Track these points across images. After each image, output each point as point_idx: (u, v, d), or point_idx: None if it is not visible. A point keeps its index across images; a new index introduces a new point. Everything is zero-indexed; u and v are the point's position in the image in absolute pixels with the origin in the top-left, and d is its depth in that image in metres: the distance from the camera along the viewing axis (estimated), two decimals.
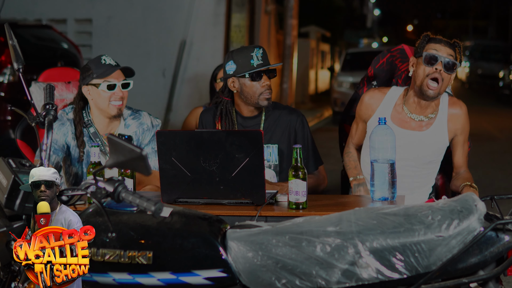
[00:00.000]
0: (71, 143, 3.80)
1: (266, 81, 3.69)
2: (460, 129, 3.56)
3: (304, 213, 3.12)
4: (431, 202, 2.66)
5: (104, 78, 3.75)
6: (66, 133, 3.80)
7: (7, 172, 2.63)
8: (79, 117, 3.81)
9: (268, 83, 3.70)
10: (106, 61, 3.78)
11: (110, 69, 3.76)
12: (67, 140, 3.80)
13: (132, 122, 3.87)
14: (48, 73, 4.45)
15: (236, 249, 2.58)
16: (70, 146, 3.81)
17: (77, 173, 3.83)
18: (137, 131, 3.85)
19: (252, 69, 3.67)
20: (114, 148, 2.25)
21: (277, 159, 3.78)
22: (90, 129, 3.81)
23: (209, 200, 3.24)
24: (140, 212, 2.60)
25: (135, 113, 3.90)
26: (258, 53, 3.71)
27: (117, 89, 3.77)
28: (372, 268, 2.50)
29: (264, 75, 3.71)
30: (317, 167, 3.81)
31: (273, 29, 15.48)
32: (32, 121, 2.87)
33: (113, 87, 3.76)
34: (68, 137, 3.80)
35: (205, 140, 3.17)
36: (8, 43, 2.97)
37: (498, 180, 8.76)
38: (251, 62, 3.70)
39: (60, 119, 3.82)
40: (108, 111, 3.77)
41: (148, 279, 2.58)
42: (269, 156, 3.77)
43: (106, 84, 3.74)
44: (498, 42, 33.05)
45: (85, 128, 3.81)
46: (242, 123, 3.81)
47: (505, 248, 2.54)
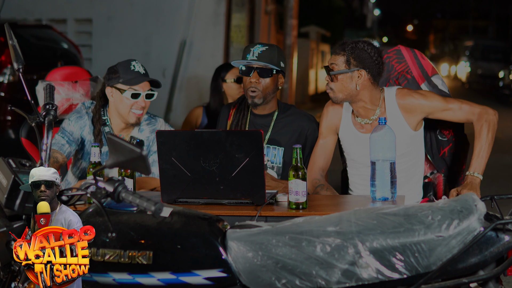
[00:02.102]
0: (86, 138, 3.80)
1: (252, 78, 3.72)
2: (425, 110, 3.55)
3: (304, 213, 3.12)
4: (431, 202, 2.66)
5: (130, 86, 3.73)
6: (83, 126, 3.79)
7: (7, 172, 2.63)
8: (98, 115, 3.80)
9: (253, 80, 3.71)
10: (135, 67, 3.75)
11: (138, 78, 3.73)
12: (82, 134, 3.80)
13: (146, 127, 3.87)
14: (55, 72, 4.46)
15: (236, 249, 2.58)
16: (85, 140, 3.80)
17: (85, 168, 3.83)
18: (150, 136, 3.85)
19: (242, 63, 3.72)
20: (114, 148, 2.25)
21: (281, 162, 3.79)
22: (106, 128, 3.81)
23: (209, 200, 3.24)
24: (140, 212, 2.60)
25: (151, 118, 3.90)
26: (257, 49, 3.73)
27: (140, 98, 3.74)
28: (372, 268, 2.50)
29: (255, 71, 3.72)
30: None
31: (273, 29, 15.48)
32: (32, 121, 2.87)
33: (137, 96, 3.74)
34: (85, 131, 3.80)
35: (205, 140, 3.17)
36: (8, 43, 2.97)
37: (498, 180, 8.76)
38: (247, 56, 3.74)
39: (78, 112, 3.81)
40: (127, 118, 3.76)
41: (148, 279, 2.58)
42: (274, 158, 3.78)
43: (131, 93, 3.73)
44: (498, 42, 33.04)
45: (101, 126, 3.81)
46: (253, 119, 3.87)
47: (505, 248, 2.54)
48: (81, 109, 3.83)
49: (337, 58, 3.56)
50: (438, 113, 3.57)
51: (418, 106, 3.56)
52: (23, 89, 2.94)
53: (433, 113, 3.57)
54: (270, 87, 3.75)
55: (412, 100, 3.56)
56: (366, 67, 3.53)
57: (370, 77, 3.54)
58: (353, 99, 3.58)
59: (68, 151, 3.74)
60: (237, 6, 12.29)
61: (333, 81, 3.56)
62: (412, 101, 3.56)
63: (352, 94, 3.55)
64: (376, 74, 3.57)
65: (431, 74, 3.84)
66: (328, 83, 3.58)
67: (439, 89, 3.79)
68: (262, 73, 3.73)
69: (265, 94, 3.75)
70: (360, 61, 3.52)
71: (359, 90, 3.54)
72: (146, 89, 3.76)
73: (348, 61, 3.52)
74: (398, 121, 3.56)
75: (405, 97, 3.57)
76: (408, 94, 3.58)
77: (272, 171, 3.79)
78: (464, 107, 3.55)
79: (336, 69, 3.55)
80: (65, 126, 3.77)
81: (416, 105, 3.55)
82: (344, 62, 3.53)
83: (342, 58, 3.55)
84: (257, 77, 3.72)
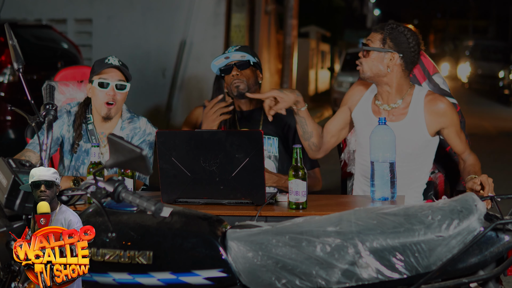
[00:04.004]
0: (65, 135, 3.82)
1: (233, 72, 3.86)
2: (447, 122, 3.50)
3: (304, 213, 3.12)
4: (431, 202, 2.66)
5: (100, 74, 3.74)
6: (61, 125, 3.82)
7: (7, 172, 2.63)
8: (81, 111, 3.82)
9: (234, 73, 3.85)
10: (109, 60, 3.76)
11: (104, 65, 3.74)
12: (61, 133, 3.82)
13: (127, 125, 3.86)
14: (64, 72, 4.47)
15: (236, 249, 2.58)
16: (64, 137, 3.82)
17: (69, 165, 3.84)
18: (130, 134, 3.84)
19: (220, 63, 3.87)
20: (114, 148, 2.25)
21: (277, 150, 3.84)
22: (89, 126, 3.82)
23: (209, 200, 3.24)
24: (140, 212, 2.60)
25: (134, 117, 3.89)
26: (231, 49, 3.91)
27: (109, 88, 3.72)
28: (372, 268, 2.50)
29: (234, 67, 3.86)
30: (313, 168, 3.85)
31: (273, 29, 15.49)
32: (32, 121, 2.87)
33: (105, 86, 3.72)
34: (63, 130, 3.82)
35: (205, 140, 3.17)
36: (8, 43, 2.97)
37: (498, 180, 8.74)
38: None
39: (59, 110, 3.82)
40: (100, 109, 3.76)
41: (148, 279, 2.58)
42: (270, 147, 3.82)
43: (98, 81, 3.73)
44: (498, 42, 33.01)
45: (84, 124, 3.82)
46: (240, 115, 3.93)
47: (505, 248, 2.54)
48: (62, 108, 3.85)
49: (374, 35, 3.51)
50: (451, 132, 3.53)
51: (443, 115, 3.49)
52: (23, 89, 2.94)
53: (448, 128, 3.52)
54: (251, 77, 3.88)
55: (442, 106, 3.49)
56: (400, 52, 3.46)
57: (402, 63, 3.48)
58: (379, 81, 3.51)
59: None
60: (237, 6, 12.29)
61: (364, 57, 3.52)
62: (441, 107, 3.49)
63: (380, 74, 3.48)
64: (409, 62, 3.49)
65: (433, 73, 3.83)
66: (360, 58, 3.54)
67: (440, 88, 3.78)
68: (240, 66, 3.86)
69: (249, 84, 3.86)
70: (396, 43, 3.46)
71: (387, 73, 3.47)
72: (116, 79, 3.74)
73: (384, 40, 3.47)
74: (419, 121, 3.50)
75: (436, 101, 3.51)
76: (438, 100, 3.52)
77: (269, 160, 3.82)
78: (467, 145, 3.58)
79: (370, 45, 3.50)
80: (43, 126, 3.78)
81: (442, 113, 3.49)
82: (380, 41, 3.48)
83: (379, 36, 3.49)
84: (237, 70, 3.85)
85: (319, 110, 17.60)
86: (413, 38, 3.49)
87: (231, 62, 3.87)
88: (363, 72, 3.51)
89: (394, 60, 3.47)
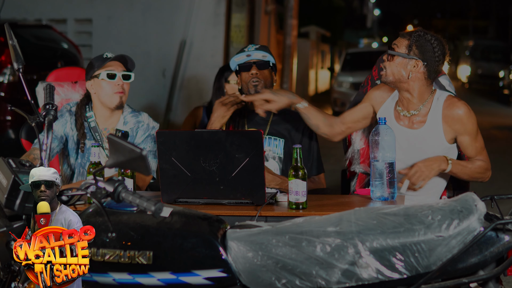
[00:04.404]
0: (69, 133, 3.86)
1: (253, 70, 3.83)
2: (461, 130, 3.46)
3: (304, 213, 3.12)
4: (431, 202, 2.66)
5: (104, 67, 3.81)
6: (64, 124, 3.86)
7: (7, 172, 2.63)
8: (81, 111, 3.87)
9: (254, 72, 3.83)
10: (108, 55, 3.86)
11: (108, 59, 3.84)
12: (65, 131, 3.86)
13: (131, 119, 3.92)
14: (57, 73, 4.47)
15: (236, 249, 2.58)
16: (68, 136, 3.86)
17: (74, 163, 3.87)
18: (134, 127, 3.90)
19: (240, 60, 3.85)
20: (114, 148, 2.25)
21: (282, 152, 3.83)
22: (91, 123, 3.85)
23: (209, 200, 3.24)
24: (140, 212, 2.59)
25: (135, 112, 3.95)
26: (251, 47, 3.89)
27: (117, 79, 3.82)
28: (372, 268, 2.50)
29: (253, 65, 3.84)
30: (319, 173, 3.85)
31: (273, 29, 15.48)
32: (32, 121, 2.87)
33: (114, 77, 3.81)
34: (67, 128, 3.86)
35: (205, 140, 3.17)
36: (8, 43, 2.97)
37: (498, 180, 8.76)
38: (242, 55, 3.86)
39: (60, 110, 3.88)
40: (111, 100, 3.82)
41: (148, 279, 2.58)
42: (275, 147, 3.82)
43: (106, 73, 3.80)
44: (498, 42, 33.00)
45: (86, 122, 3.86)
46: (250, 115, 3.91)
47: (505, 248, 2.54)
48: (63, 108, 3.91)
49: (401, 40, 3.50)
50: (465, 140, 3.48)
51: (458, 121, 3.45)
52: (23, 89, 2.94)
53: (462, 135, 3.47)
54: (268, 79, 3.88)
55: (457, 113, 3.45)
56: (425, 60, 3.45)
57: (425, 71, 3.46)
58: (401, 87, 3.50)
59: (55, 151, 3.81)
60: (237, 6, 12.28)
61: (389, 61, 3.50)
62: (456, 114, 3.45)
63: (402, 80, 3.47)
64: (432, 71, 3.47)
65: (439, 74, 3.82)
66: (384, 61, 3.53)
67: (446, 90, 3.77)
68: (260, 65, 3.84)
69: (266, 84, 3.85)
70: (421, 51, 3.45)
71: (409, 80, 3.46)
72: (121, 70, 3.85)
73: (410, 47, 3.45)
74: (437, 128, 3.48)
75: (453, 107, 3.47)
76: (456, 106, 3.47)
77: (274, 161, 3.82)
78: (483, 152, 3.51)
79: (396, 50, 3.49)
80: None
81: (457, 119, 3.45)
82: (406, 47, 3.46)
83: (406, 42, 3.47)
84: (257, 69, 3.84)
85: None
86: (439, 48, 3.46)
87: (251, 60, 3.85)
88: (386, 76, 3.50)
89: (418, 68, 3.45)
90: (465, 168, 3.45)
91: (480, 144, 3.50)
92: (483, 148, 3.52)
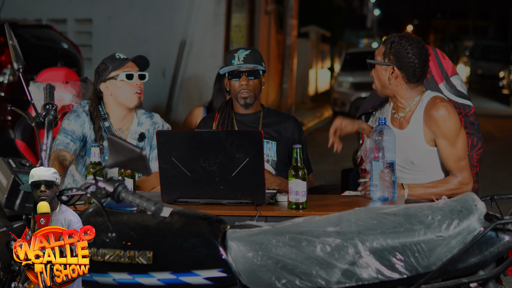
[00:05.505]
0: (87, 134, 3.88)
1: (242, 81, 3.83)
2: (438, 132, 3.43)
3: (304, 213, 3.12)
4: (431, 202, 2.67)
5: (121, 69, 3.86)
6: (82, 124, 3.88)
7: (7, 172, 2.63)
8: (96, 112, 3.90)
9: (243, 82, 3.83)
10: (120, 56, 3.90)
11: (125, 60, 3.89)
12: (83, 131, 3.88)
13: (145, 120, 3.97)
14: (46, 73, 4.47)
15: (236, 249, 2.58)
16: (86, 136, 3.89)
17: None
18: (150, 129, 3.95)
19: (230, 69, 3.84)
20: (114, 148, 2.25)
21: (275, 155, 3.84)
22: (105, 123, 3.89)
23: (209, 200, 3.24)
24: (140, 212, 2.60)
25: (148, 113, 4.01)
26: (241, 54, 3.86)
27: (135, 79, 3.87)
28: (372, 268, 2.50)
29: (243, 75, 3.83)
30: (309, 174, 3.86)
31: (273, 29, 15.47)
32: (32, 121, 2.87)
33: (132, 77, 3.86)
34: (85, 128, 3.88)
35: (205, 140, 3.17)
36: (8, 43, 2.97)
37: (498, 180, 8.76)
38: (232, 62, 3.86)
39: (75, 111, 3.91)
40: (131, 100, 3.86)
41: (148, 279, 2.58)
42: (268, 151, 3.83)
43: (125, 74, 3.85)
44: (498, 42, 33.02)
45: (101, 122, 3.90)
46: (240, 118, 3.92)
47: (505, 248, 2.54)
48: (77, 108, 3.92)
49: (380, 48, 3.54)
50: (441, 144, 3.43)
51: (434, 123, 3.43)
52: (23, 89, 2.94)
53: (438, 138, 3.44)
54: (258, 87, 3.90)
55: (435, 114, 3.42)
56: (399, 66, 3.45)
57: (403, 76, 3.46)
58: (387, 92, 3.54)
59: (74, 148, 3.83)
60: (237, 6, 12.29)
61: (371, 70, 3.56)
62: (434, 114, 3.43)
63: (385, 86, 3.51)
64: (411, 75, 3.45)
65: (451, 74, 3.81)
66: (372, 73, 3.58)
67: (457, 89, 3.77)
68: (250, 75, 3.85)
69: (255, 94, 3.88)
70: (396, 58, 3.46)
71: (391, 85, 3.49)
72: (137, 70, 3.91)
73: (385, 54, 3.49)
74: (418, 129, 3.49)
75: (432, 107, 3.45)
76: (435, 106, 3.45)
77: (268, 164, 3.82)
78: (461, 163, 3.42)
79: (375, 58, 3.53)
80: (65, 126, 3.85)
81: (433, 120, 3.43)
82: (382, 54, 3.50)
83: (382, 49, 3.51)
84: (247, 80, 3.84)
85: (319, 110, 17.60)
86: (413, 52, 3.43)
87: (241, 69, 3.85)
88: (375, 85, 3.57)
89: (395, 73, 3.48)
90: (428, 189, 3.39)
91: (459, 152, 3.42)
92: (462, 159, 3.42)
